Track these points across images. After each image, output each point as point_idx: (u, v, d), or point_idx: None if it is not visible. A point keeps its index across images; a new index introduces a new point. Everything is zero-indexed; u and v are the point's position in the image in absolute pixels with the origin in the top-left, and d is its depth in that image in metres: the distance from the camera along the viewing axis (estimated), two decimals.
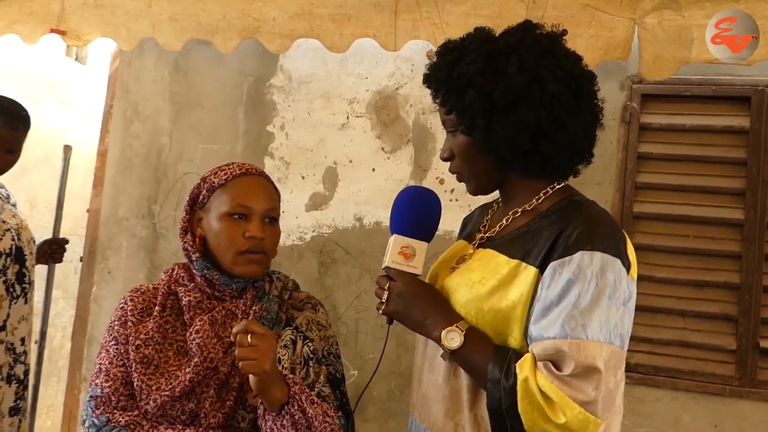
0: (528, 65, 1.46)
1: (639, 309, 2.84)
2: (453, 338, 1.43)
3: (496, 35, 1.57)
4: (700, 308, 2.91)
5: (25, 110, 2.87)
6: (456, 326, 1.44)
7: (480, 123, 1.49)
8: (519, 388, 1.32)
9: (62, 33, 3.22)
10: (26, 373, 2.91)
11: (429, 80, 1.61)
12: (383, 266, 1.58)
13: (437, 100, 1.61)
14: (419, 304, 1.51)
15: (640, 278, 2.85)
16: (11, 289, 2.79)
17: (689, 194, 2.96)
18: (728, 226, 2.92)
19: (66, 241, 3.22)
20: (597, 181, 2.99)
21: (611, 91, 3.03)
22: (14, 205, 2.97)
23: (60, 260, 3.21)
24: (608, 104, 2.94)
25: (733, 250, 2.90)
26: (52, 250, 3.17)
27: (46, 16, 3.22)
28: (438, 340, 1.46)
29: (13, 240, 2.79)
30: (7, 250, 2.76)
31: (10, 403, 2.81)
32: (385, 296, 1.54)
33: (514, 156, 1.52)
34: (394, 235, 1.58)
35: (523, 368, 1.33)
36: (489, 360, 1.39)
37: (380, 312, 1.56)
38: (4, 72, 4.65)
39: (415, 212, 1.61)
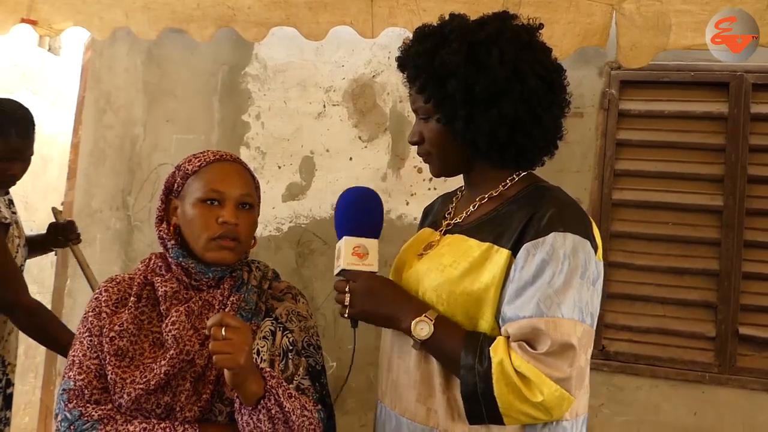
0: (508, 58, 1.47)
1: (618, 297, 2.89)
2: (423, 328, 1.45)
3: (473, 23, 1.57)
4: (680, 295, 2.91)
5: (28, 110, 2.62)
6: (425, 316, 1.46)
7: (461, 114, 1.51)
8: (494, 371, 1.33)
9: (33, 23, 3.16)
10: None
11: (405, 65, 1.61)
12: (337, 271, 1.59)
13: (414, 87, 1.60)
14: (385, 299, 1.53)
15: (620, 266, 2.90)
16: None
17: (668, 181, 2.96)
18: (707, 212, 2.92)
19: (72, 222, 2.90)
20: (576, 169, 2.97)
21: (589, 78, 3.01)
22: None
23: (79, 238, 2.87)
24: (587, 91, 2.99)
25: (712, 236, 2.90)
26: (66, 237, 2.86)
27: (15, 5, 3.15)
28: (408, 332, 1.47)
29: (22, 255, 2.71)
30: (23, 266, 2.69)
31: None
32: (347, 299, 1.54)
33: (490, 148, 1.54)
34: (344, 237, 1.60)
35: (497, 351, 1.35)
36: (461, 346, 1.40)
37: (345, 316, 1.56)
38: None
39: (360, 212, 1.64)
